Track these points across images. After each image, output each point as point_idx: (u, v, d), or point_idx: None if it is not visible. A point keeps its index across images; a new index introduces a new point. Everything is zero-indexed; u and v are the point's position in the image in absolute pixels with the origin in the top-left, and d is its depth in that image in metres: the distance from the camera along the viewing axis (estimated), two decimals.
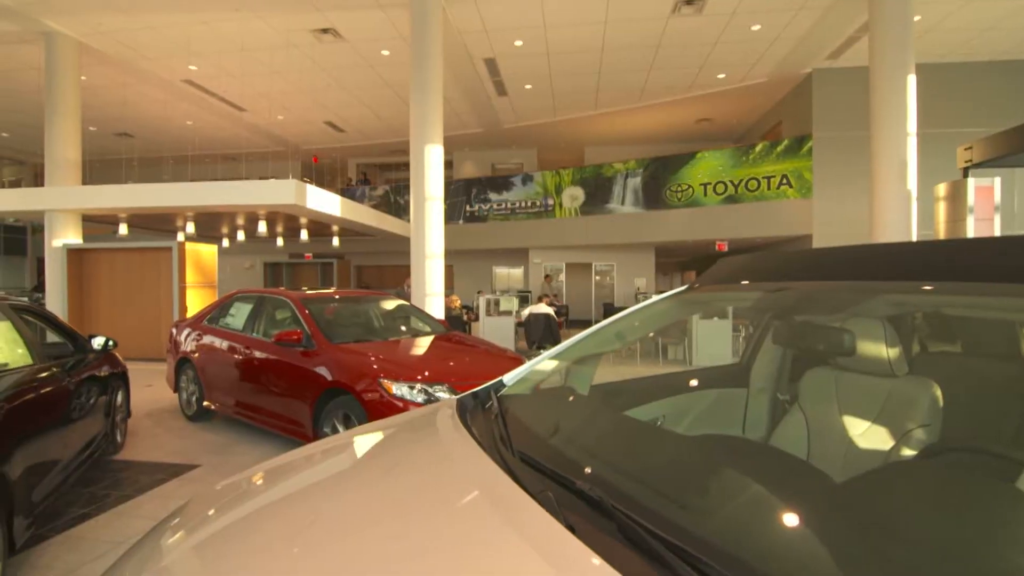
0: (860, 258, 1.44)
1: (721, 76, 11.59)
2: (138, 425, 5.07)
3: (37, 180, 18.72)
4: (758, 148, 12.14)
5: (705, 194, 12.49)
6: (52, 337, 3.78)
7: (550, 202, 14.15)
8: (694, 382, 2.55)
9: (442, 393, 3.66)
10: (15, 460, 2.36)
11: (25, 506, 2.48)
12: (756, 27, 9.45)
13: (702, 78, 11.65)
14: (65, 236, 9.76)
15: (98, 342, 3.79)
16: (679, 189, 12.75)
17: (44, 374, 2.90)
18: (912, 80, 7.80)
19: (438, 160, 8.36)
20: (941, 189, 6.92)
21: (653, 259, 15.16)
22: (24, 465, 2.45)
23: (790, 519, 0.90)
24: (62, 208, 9.52)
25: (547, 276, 15.19)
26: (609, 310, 12.41)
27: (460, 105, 13.17)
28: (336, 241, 14.35)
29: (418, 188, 8.31)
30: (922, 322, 1.74)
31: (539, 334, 8.17)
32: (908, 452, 1.35)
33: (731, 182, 12.23)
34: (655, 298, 2.08)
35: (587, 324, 15.34)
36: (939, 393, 1.34)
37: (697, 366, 8.16)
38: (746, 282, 1.86)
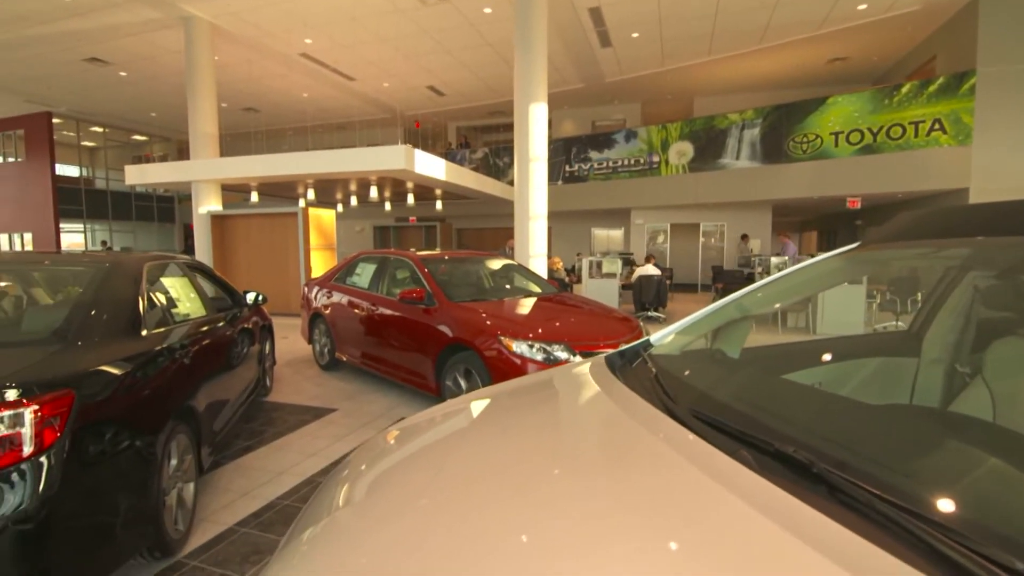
0: None
1: (862, 7, 10.12)
2: (280, 372, 5.65)
3: (180, 155, 21.08)
4: (905, 89, 10.56)
5: (836, 144, 11.17)
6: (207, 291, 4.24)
7: (655, 159, 13.45)
8: (853, 349, 2.34)
9: (560, 352, 3.67)
10: (200, 396, 2.71)
11: (208, 436, 2.85)
12: None
13: (838, 11, 10.25)
14: (208, 204, 10.93)
15: (251, 297, 4.21)
16: (804, 140, 11.52)
17: (215, 324, 3.27)
18: None
19: (542, 119, 8.19)
20: None
21: (769, 218, 13.99)
22: (207, 401, 2.81)
23: None
24: (207, 178, 10.63)
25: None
26: (718, 274, 11.70)
27: (560, 60, 12.75)
28: (439, 205, 14.77)
29: (522, 148, 8.23)
30: None
31: (650, 297, 7.90)
32: None
33: (869, 129, 10.80)
34: (818, 257, 1.88)
35: (692, 288, 14.69)
36: None
37: (823, 335, 7.50)
38: (931, 239, 1.60)
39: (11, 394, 1.57)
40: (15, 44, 12.09)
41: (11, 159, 17.91)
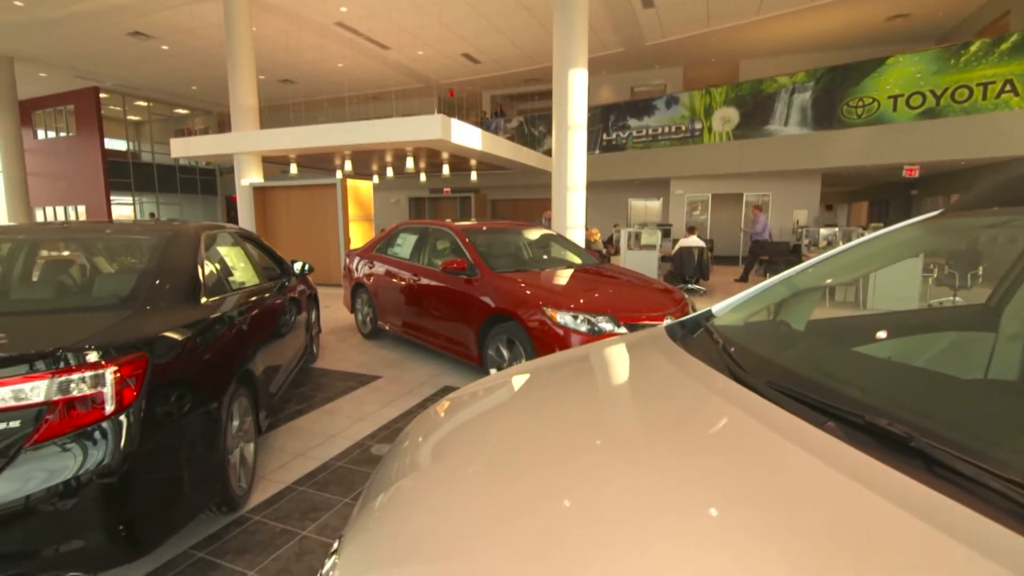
0: None
1: None
2: (325, 340, 5.80)
3: (221, 127, 21.47)
4: (973, 47, 9.79)
5: (894, 108, 10.51)
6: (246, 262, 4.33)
7: (697, 126, 12.95)
8: (924, 323, 2.24)
9: (605, 323, 3.63)
10: (257, 361, 2.79)
11: (265, 399, 2.95)
12: None
13: None
14: (250, 176, 11.14)
15: (298, 266, 4.30)
16: (860, 104, 10.87)
17: (267, 292, 3.35)
18: None
19: (582, 84, 7.95)
20: None
21: (818, 188, 13.36)
22: (263, 366, 2.90)
23: None
24: (248, 151, 10.81)
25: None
26: (762, 246, 11.30)
27: (600, 22, 12.30)
28: (474, 175, 14.69)
29: (560, 116, 8.04)
30: None
31: (691, 269, 7.71)
32: None
33: (932, 92, 10.10)
34: (893, 227, 1.78)
35: (733, 261, 14.29)
36: None
37: (874, 310, 7.21)
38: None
39: (92, 356, 1.64)
40: (62, 20, 12.41)
41: (63, 134, 18.59)
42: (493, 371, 4.09)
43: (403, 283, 5.11)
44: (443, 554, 0.80)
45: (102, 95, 17.95)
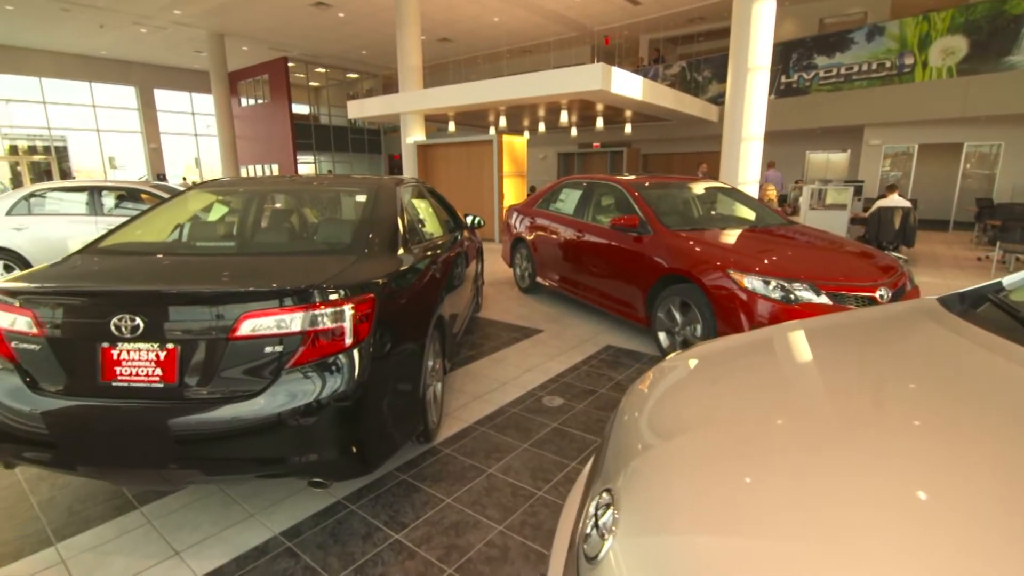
0: None
1: None
2: (486, 292, 6.04)
3: (385, 89, 23.05)
4: None
5: None
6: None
7: (908, 61, 10.77)
8: None
9: (803, 291, 3.23)
10: (445, 306, 2.95)
11: (451, 342, 3.14)
12: None
13: None
14: (414, 134, 11.83)
15: (470, 220, 4.46)
16: None
17: (450, 242, 3.52)
18: None
19: (768, 17, 7.00)
20: None
21: None
22: (449, 312, 3.07)
23: None
24: (414, 109, 11.45)
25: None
26: (988, 208, 9.19)
27: None
28: (628, 128, 14.01)
29: (739, 56, 7.19)
30: None
31: (891, 234, 6.57)
32: None
33: None
34: None
35: (942, 225, 11.99)
36: None
37: None
38: None
39: (334, 295, 1.83)
40: None
41: (259, 100, 21.40)
42: (662, 335, 3.90)
43: (565, 239, 5.07)
44: (726, 528, 0.78)
45: (289, 64, 20.21)
